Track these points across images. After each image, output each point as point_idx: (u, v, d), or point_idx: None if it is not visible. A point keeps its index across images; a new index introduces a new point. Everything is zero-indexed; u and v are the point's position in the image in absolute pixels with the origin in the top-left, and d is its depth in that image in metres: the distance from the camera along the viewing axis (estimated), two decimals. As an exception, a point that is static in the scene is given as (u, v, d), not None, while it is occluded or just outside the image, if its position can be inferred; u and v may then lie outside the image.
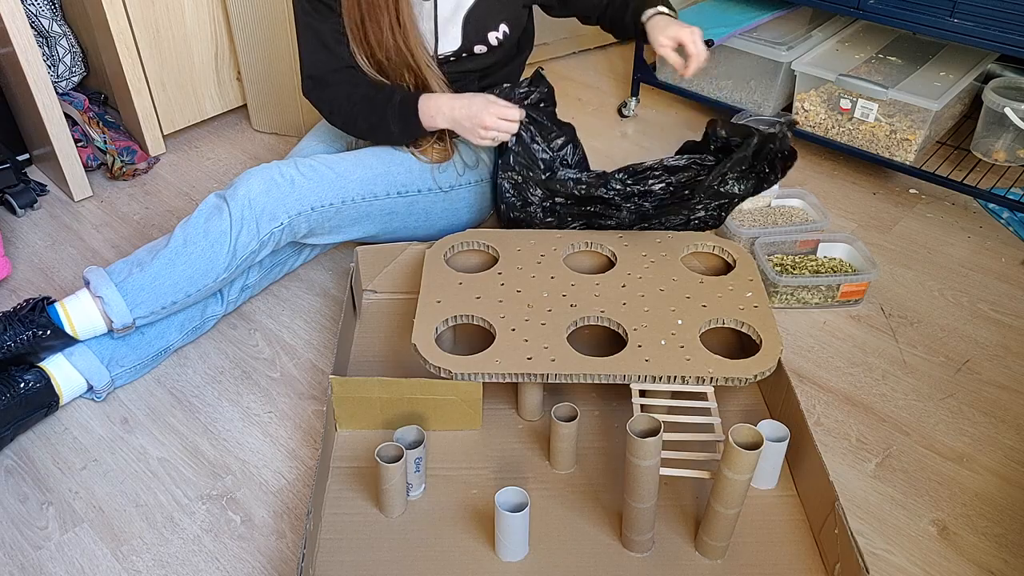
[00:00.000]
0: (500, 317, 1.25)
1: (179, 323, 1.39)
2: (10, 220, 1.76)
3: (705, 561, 1.08)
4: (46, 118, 1.69)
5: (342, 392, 1.22)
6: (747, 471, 0.98)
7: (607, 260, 1.40)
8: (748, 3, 2.03)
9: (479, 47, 1.46)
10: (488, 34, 1.45)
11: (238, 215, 1.31)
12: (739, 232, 1.56)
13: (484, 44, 1.46)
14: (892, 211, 1.79)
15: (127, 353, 1.35)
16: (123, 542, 1.15)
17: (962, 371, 1.40)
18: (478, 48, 1.46)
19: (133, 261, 1.33)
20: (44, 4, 1.88)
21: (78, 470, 1.25)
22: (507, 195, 1.44)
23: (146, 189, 1.86)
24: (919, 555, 1.12)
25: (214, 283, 1.34)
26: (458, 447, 1.24)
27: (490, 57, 1.48)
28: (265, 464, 1.26)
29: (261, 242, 1.34)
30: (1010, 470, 1.24)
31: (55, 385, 1.29)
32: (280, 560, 1.12)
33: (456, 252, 1.41)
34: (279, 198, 1.34)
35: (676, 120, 2.12)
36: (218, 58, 1.98)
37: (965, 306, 1.54)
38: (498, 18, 1.45)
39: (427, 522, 1.13)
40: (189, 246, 1.31)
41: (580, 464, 1.21)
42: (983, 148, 1.77)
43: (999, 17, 1.54)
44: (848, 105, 1.80)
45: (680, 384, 1.16)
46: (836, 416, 1.32)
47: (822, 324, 1.50)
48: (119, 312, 1.29)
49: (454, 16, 1.42)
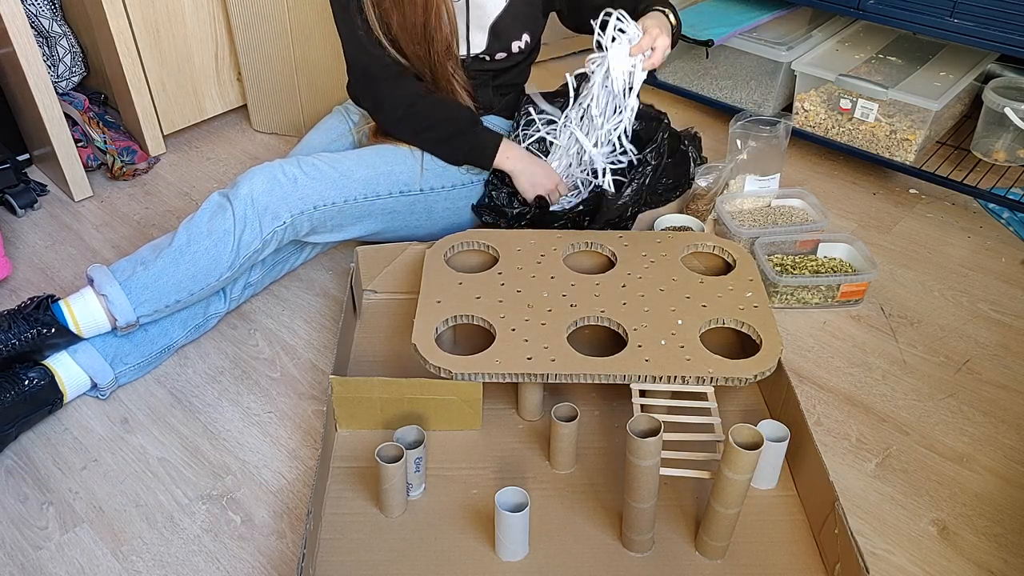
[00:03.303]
0: (500, 317, 1.25)
1: (182, 320, 1.39)
2: (10, 220, 1.76)
3: (705, 561, 1.08)
4: (46, 118, 1.69)
5: (342, 392, 1.22)
6: (747, 471, 0.98)
7: (607, 260, 1.40)
8: (748, 3, 2.03)
9: (500, 54, 1.49)
10: (512, 43, 1.49)
11: (241, 213, 1.31)
12: (739, 232, 1.56)
13: (506, 51, 1.49)
14: (892, 211, 1.79)
15: (131, 351, 1.35)
16: (123, 542, 1.15)
17: (962, 371, 1.40)
18: (499, 55, 1.49)
19: (137, 259, 1.33)
20: (44, 4, 1.88)
21: (78, 470, 1.25)
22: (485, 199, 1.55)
23: (146, 189, 1.86)
24: (919, 555, 1.12)
25: (218, 281, 1.34)
26: (458, 447, 1.24)
27: (508, 62, 1.52)
28: (265, 464, 1.26)
29: (264, 240, 1.34)
30: (1010, 470, 1.24)
31: (59, 382, 1.29)
32: (280, 560, 1.12)
33: (456, 252, 1.41)
34: (282, 196, 1.34)
35: (676, 120, 2.11)
36: (218, 58, 1.98)
37: (965, 306, 1.54)
38: (522, 28, 1.49)
39: (427, 522, 1.13)
40: (193, 244, 1.31)
41: (580, 464, 1.21)
42: (983, 148, 1.77)
43: (999, 17, 1.54)
44: (848, 105, 1.80)
45: (680, 384, 1.16)
46: (836, 416, 1.32)
47: (822, 324, 1.50)
48: (123, 310, 1.29)
49: (481, 22, 1.46)
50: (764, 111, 1.94)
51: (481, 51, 1.48)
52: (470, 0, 1.43)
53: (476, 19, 1.45)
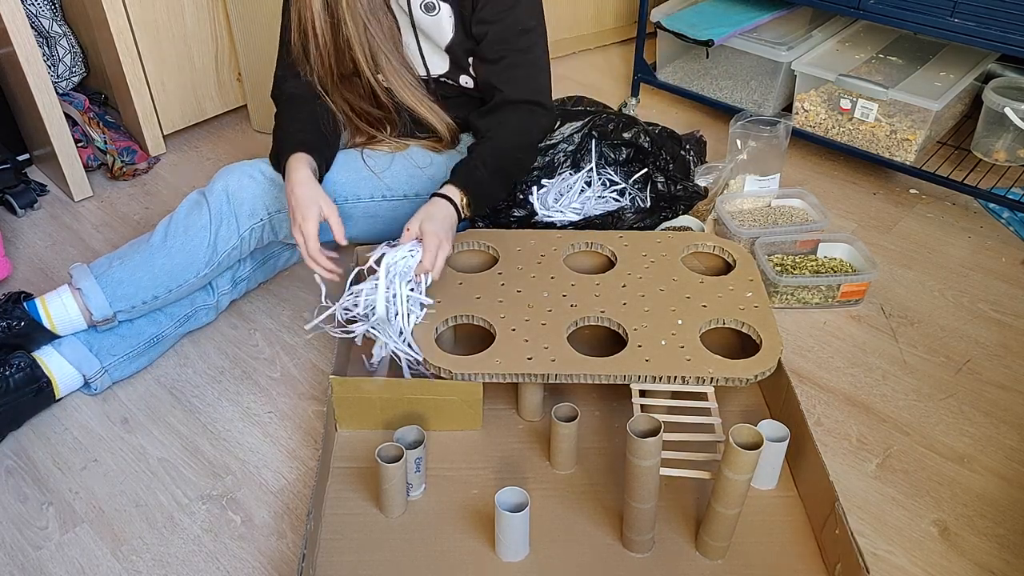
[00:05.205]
0: (500, 317, 1.25)
1: (169, 311, 1.39)
2: (10, 220, 1.76)
3: (705, 561, 1.08)
4: (46, 118, 1.69)
5: (342, 392, 1.22)
6: (747, 471, 0.98)
7: (607, 260, 1.40)
8: (748, 3, 2.02)
9: (465, 78, 1.43)
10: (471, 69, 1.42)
11: (216, 210, 1.31)
12: (739, 232, 1.56)
13: (470, 76, 1.43)
14: (892, 211, 1.79)
15: (117, 342, 1.35)
16: (123, 542, 1.15)
17: (962, 371, 1.40)
18: (464, 79, 1.43)
19: (115, 255, 1.34)
20: (44, 4, 1.88)
21: (78, 470, 1.25)
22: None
23: (146, 189, 1.86)
24: (920, 555, 1.12)
25: (195, 279, 1.34)
26: (458, 447, 1.23)
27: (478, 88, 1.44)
28: (265, 464, 1.26)
29: (241, 238, 1.34)
30: (1011, 470, 1.24)
31: (43, 366, 1.29)
32: (280, 560, 1.12)
33: (456, 252, 1.40)
34: (258, 194, 1.33)
35: (676, 120, 2.12)
36: (218, 58, 1.98)
37: (965, 306, 1.54)
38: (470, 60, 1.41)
39: (427, 522, 1.13)
40: (169, 240, 1.31)
41: (580, 464, 1.21)
42: (983, 148, 1.77)
43: (999, 17, 1.54)
44: (848, 105, 1.80)
45: (680, 384, 1.16)
46: (836, 416, 1.32)
47: (822, 324, 1.50)
48: (98, 304, 1.29)
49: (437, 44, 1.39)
50: (764, 111, 1.94)
51: (443, 73, 1.43)
52: (416, 21, 1.36)
53: (429, 41, 1.39)
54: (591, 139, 1.65)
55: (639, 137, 1.64)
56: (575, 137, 1.65)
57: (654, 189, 1.60)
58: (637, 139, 1.64)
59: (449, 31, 1.35)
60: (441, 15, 1.33)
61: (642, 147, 1.64)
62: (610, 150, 1.66)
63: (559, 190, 1.61)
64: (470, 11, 1.32)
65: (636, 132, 1.65)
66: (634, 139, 1.64)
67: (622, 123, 1.66)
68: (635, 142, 1.64)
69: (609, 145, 1.65)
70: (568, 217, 1.57)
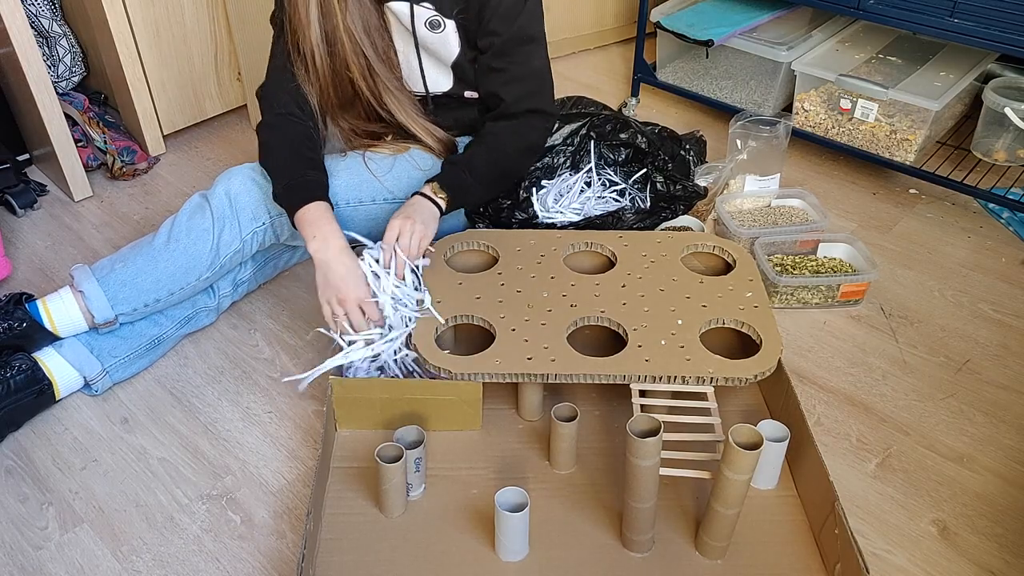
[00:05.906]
0: (500, 317, 1.25)
1: (170, 313, 1.39)
2: (10, 220, 1.76)
3: (705, 561, 1.08)
4: (46, 118, 1.69)
5: (342, 392, 1.22)
6: (747, 471, 0.98)
7: (607, 260, 1.40)
8: (748, 3, 2.03)
9: (470, 92, 1.43)
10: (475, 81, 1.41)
11: (219, 213, 1.31)
12: (739, 232, 1.56)
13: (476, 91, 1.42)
14: (892, 211, 1.79)
15: (118, 344, 1.35)
16: (123, 542, 1.15)
17: (962, 371, 1.40)
18: (468, 93, 1.43)
19: (117, 257, 1.33)
20: (44, 4, 1.88)
21: (78, 470, 1.25)
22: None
23: (146, 189, 1.86)
24: (920, 555, 1.12)
25: (197, 281, 1.34)
26: (458, 447, 1.23)
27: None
28: (265, 464, 1.26)
29: (243, 241, 1.34)
30: (1011, 470, 1.24)
31: (44, 368, 1.29)
32: (280, 560, 1.12)
33: (456, 252, 1.40)
34: (260, 198, 1.33)
35: (676, 120, 2.12)
36: (218, 58, 1.98)
37: (965, 306, 1.54)
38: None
39: (427, 522, 1.13)
40: (172, 243, 1.31)
41: (580, 464, 1.21)
42: (983, 148, 1.77)
43: (999, 17, 1.54)
44: (848, 105, 1.80)
45: (680, 384, 1.16)
46: (836, 416, 1.32)
47: (822, 324, 1.50)
48: (100, 307, 1.29)
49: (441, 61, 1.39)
50: (764, 111, 1.94)
51: (448, 90, 1.43)
52: (419, 41, 1.36)
53: (432, 59, 1.39)
54: (590, 140, 1.65)
55: (636, 138, 1.64)
56: (574, 138, 1.65)
57: (653, 189, 1.60)
58: (634, 140, 1.64)
59: (455, 47, 1.36)
60: (447, 32, 1.34)
61: (640, 147, 1.64)
62: (609, 151, 1.66)
63: (559, 191, 1.61)
64: (476, 25, 1.32)
65: (632, 133, 1.65)
66: (631, 139, 1.64)
67: (619, 124, 1.66)
68: (632, 142, 1.65)
69: (608, 146, 1.65)
70: (568, 218, 1.57)
